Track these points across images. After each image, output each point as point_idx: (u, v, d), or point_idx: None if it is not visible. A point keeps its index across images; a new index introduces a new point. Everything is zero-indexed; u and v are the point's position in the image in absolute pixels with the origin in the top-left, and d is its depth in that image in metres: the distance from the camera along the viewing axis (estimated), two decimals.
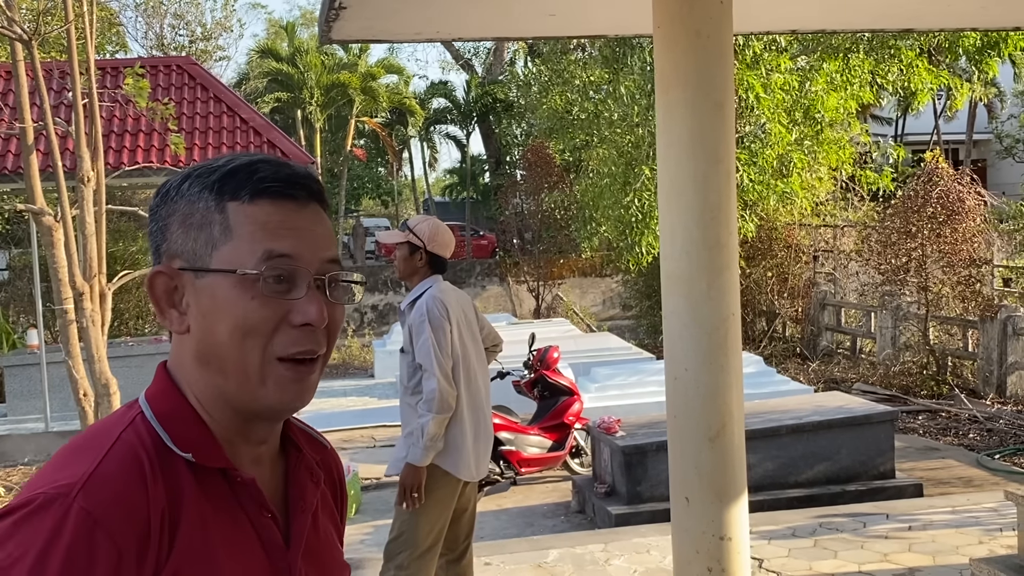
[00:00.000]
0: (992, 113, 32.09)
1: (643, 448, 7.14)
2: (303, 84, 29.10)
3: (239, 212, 1.17)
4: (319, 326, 1.17)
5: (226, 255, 1.16)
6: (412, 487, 4.06)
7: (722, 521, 3.51)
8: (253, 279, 1.15)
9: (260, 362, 1.16)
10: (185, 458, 1.14)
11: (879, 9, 4.57)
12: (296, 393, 1.18)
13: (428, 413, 4.04)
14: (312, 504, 1.27)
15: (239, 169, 1.19)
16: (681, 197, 3.48)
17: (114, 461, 1.10)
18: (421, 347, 4.10)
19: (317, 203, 1.23)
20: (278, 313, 1.16)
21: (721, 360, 3.49)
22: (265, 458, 1.25)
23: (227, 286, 1.15)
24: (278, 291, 1.16)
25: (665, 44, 3.50)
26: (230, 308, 1.15)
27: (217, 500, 1.16)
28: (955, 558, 5.71)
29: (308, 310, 1.16)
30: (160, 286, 1.19)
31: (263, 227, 1.17)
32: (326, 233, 1.23)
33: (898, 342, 12.92)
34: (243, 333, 1.15)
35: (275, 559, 1.20)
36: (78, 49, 7.61)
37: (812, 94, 13.30)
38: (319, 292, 1.18)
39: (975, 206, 11.71)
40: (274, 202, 1.18)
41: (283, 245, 1.16)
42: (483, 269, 24.88)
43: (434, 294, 4.18)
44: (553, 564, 5.99)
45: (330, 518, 1.35)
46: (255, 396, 1.17)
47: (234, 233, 1.16)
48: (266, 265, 1.15)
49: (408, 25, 4.24)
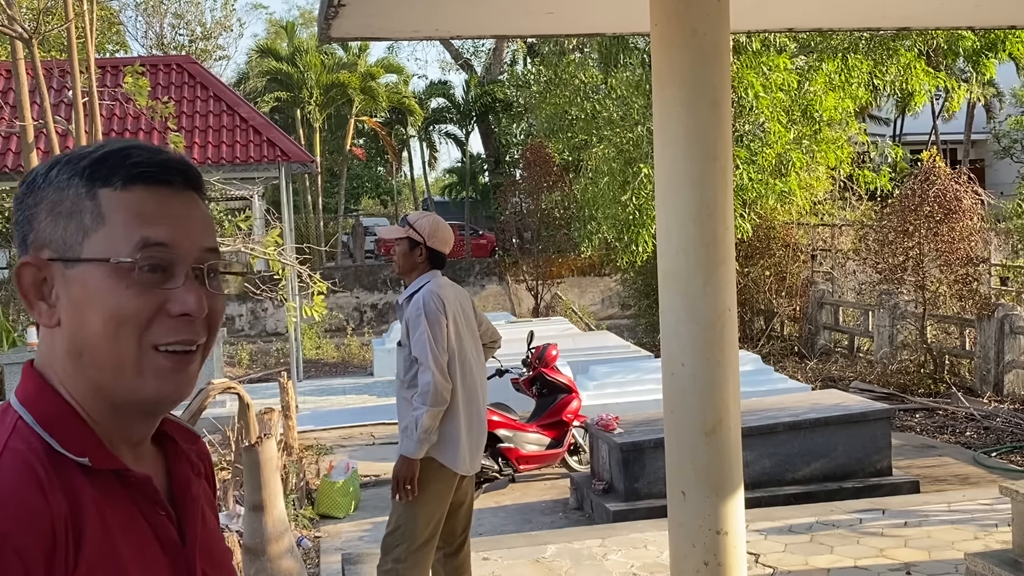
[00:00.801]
0: (990, 113, 32.13)
1: (641, 445, 7.17)
2: (303, 83, 29.11)
3: (112, 199, 1.12)
4: (198, 316, 1.14)
5: (98, 244, 1.11)
6: (405, 479, 4.09)
7: (718, 515, 3.54)
8: (128, 268, 1.11)
9: (136, 352, 1.12)
10: (80, 462, 1.09)
11: (875, 8, 4.60)
12: (176, 384, 1.15)
13: (423, 406, 4.07)
14: (198, 496, 1.25)
15: (111, 155, 1.15)
16: (678, 194, 3.51)
17: (8, 473, 1.05)
18: (417, 340, 4.12)
19: (193, 191, 1.19)
20: (154, 303, 1.12)
21: (717, 355, 3.52)
22: (146, 455, 1.22)
23: (100, 276, 1.11)
24: (154, 280, 1.12)
25: (662, 42, 3.53)
26: (103, 298, 1.11)
27: (115, 502, 1.12)
28: (950, 553, 5.75)
29: (186, 300, 1.13)
30: (28, 278, 1.14)
31: (138, 214, 1.12)
32: (204, 221, 1.19)
33: (895, 341, 12.96)
34: (117, 323, 1.11)
35: (174, 557, 1.17)
36: (78, 48, 7.63)
37: (811, 94, 13.34)
38: (197, 282, 1.15)
39: (972, 205, 11.74)
40: (148, 188, 1.14)
41: (159, 233, 1.13)
42: (482, 268, 24.91)
43: (431, 288, 4.21)
44: (551, 559, 6.03)
45: (211, 507, 1.32)
46: (132, 388, 1.13)
47: (107, 221, 1.12)
48: (141, 253, 1.11)
49: (407, 23, 4.27)
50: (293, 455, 8.47)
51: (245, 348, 18.33)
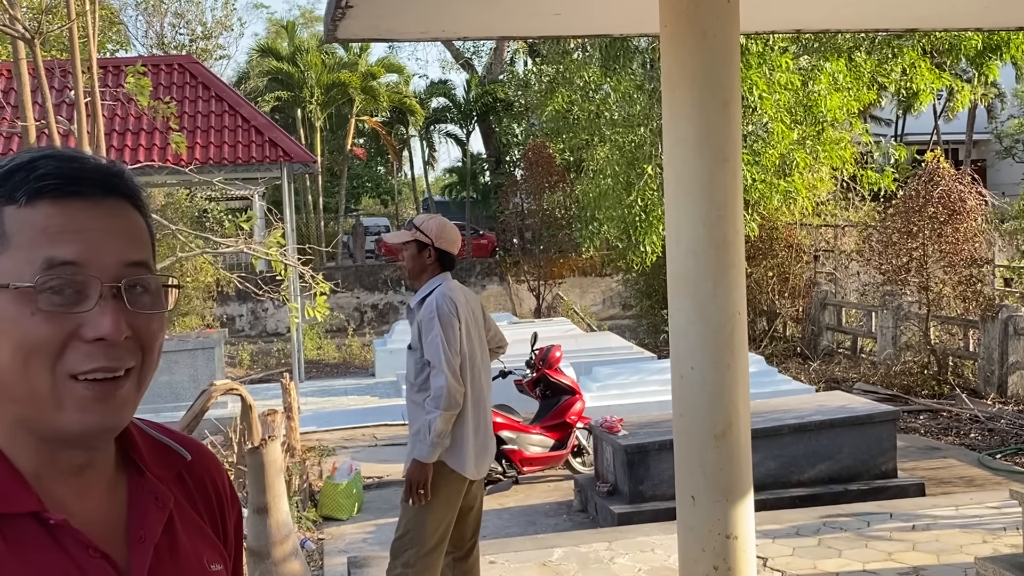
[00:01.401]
0: (992, 113, 32.11)
1: (645, 447, 7.14)
2: (303, 83, 29.09)
3: (16, 217, 1.03)
4: (116, 340, 1.03)
5: (2, 268, 1.02)
6: (418, 483, 4.06)
7: (728, 520, 3.51)
8: (31, 293, 1.01)
9: (51, 384, 1.02)
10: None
11: (882, 9, 4.58)
12: (101, 414, 1.04)
13: (436, 410, 4.04)
14: (153, 533, 1.11)
15: (17, 169, 1.05)
16: (687, 196, 3.49)
17: None
18: (431, 344, 4.09)
19: (120, 198, 1.08)
20: (66, 328, 1.02)
21: (727, 359, 3.50)
22: (95, 485, 1.11)
23: (5, 302, 1.01)
24: (61, 304, 1.02)
25: (672, 43, 3.51)
26: (9, 327, 1.01)
27: (29, 549, 1.02)
28: (959, 557, 5.72)
29: (100, 323, 1.02)
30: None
31: (42, 232, 1.02)
32: (128, 232, 1.08)
33: (899, 342, 12.93)
34: (26, 353, 1.01)
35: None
36: (80, 48, 7.61)
37: (815, 94, 13.31)
38: (116, 301, 1.04)
39: (976, 206, 11.71)
40: (56, 202, 1.03)
41: (66, 251, 1.02)
42: (483, 268, 24.88)
43: (444, 291, 4.18)
44: (558, 563, 6.00)
45: (200, 536, 1.19)
46: (53, 421, 1.03)
47: (11, 241, 1.02)
48: (44, 275, 1.01)
49: (414, 24, 4.25)
50: (296, 457, 8.44)
51: (246, 348, 18.31)
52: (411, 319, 4.30)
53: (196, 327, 16.65)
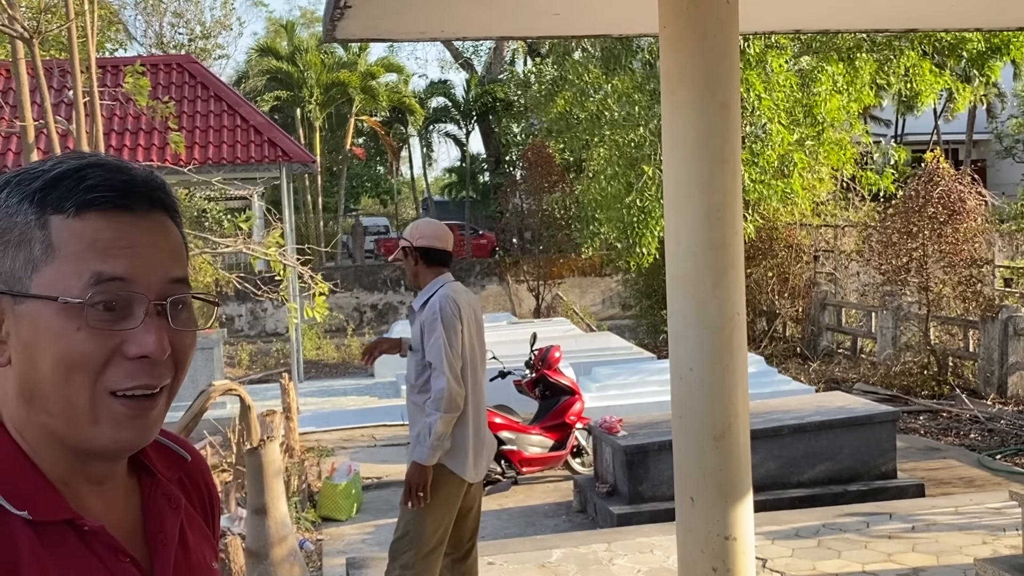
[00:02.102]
0: (992, 113, 32.10)
1: (645, 448, 7.13)
2: (303, 83, 29.08)
3: (63, 228, 1.01)
4: (159, 358, 1.03)
5: (48, 279, 1.01)
6: (418, 486, 4.06)
7: (727, 521, 3.51)
8: (78, 307, 1.00)
9: (89, 399, 1.02)
10: (20, 516, 1.01)
11: (882, 9, 4.57)
12: (135, 431, 1.05)
13: (436, 412, 4.03)
14: (173, 535, 1.14)
15: (64, 176, 1.03)
16: (687, 197, 3.48)
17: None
18: (432, 345, 4.09)
19: (162, 212, 1.08)
20: (109, 345, 1.02)
21: (726, 360, 3.49)
22: (115, 492, 1.12)
23: (49, 314, 1.00)
24: (108, 320, 1.01)
25: (671, 44, 3.50)
26: (53, 340, 1.00)
27: (64, 555, 1.03)
28: (959, 558, 5.71)
29: (145, 341, 1.02)
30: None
31: (91, 246, 1.01)
32: (171, 248, 1.08)
33: (899, 342, 12.92)
34: (68, 368, 1.01)
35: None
36: (79, 47, 7.60)
37: (815, 95, 13.30)
38: (160, 318, 1.04)
39: (976, 206, 11.70)
40: (105, 215, 1.02)
41: (115, 267, 1.01)
42: (482, 268, 24.87)
43: (447, 293, 4.19)
44: (557, 564, 5.99)
45: (202, 537, 1.21)
46: (87, 436, 1.04)
47: (58, 253, 1.01)
48: (94, 290, 1.00)
49: (413, 24, 4.24)
50: (295, 457, 8.43)
51: (245, 348, 18.29)
52: (412, 320, 4.30)
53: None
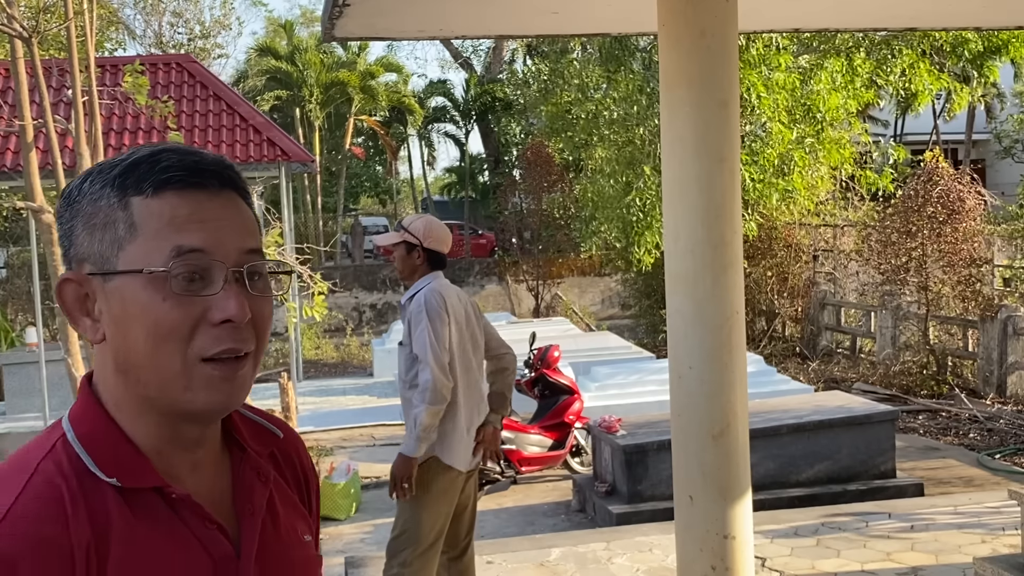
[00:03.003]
0: (991, 113, 32.10)
1: (644, 447, 7.13)
2: (302, 82, 29.05)
3: (143, 207, 1.09)
4: (240, 321, 1.10)
5: (133, 255, 1.09)
6: (403, 477, 4.08)
7: (726, 519, 3.51)
8: (163, 278, 1.07)
9: (181, 366, 1.09)
10: (111, 483, 1.07)
11: (881, 8, 4.57)
12: (226, 393, 1.11)
13: (421, 404, 4.05)
14: (260, 506, 1.19)
15: (141, 161, 1.12)
16: (685, 196, 3.48)
17: (31, 496, 1.04)
18: (418, 338, 4.12)
19: (232, 191, 1.15)
20: (194, 313, 1.08)
21: (725, 358, 3.49)
22: (206, 462, 1.18)
23: (136, 288, 1.08)
24: (191, 289, 1.08)
25: (669, 43, 3.50)
26: (142, 312, 1.08)
27: (153, 521, 1.09)
28: (958, 557, 5.71)
29: (226, 305, 1.09)
30: (69, 294, 1.13)
31: (170, 221, 1.09)
32: (243, 222, 1.15)
33: (898, 342, 12.92)
34: (158, 338, 1.08)
35: (225, 571, 1.13)
36: (78, 47, 7.59)
37: (814, 93, 13.29)
38: (238, 285, 1.11)
39: (975, 206, 11.70)
40: (180, 193, 1.10)
41: (193, 239, 1.09)
42: (482, 268, 24.87)
43: (433, 287, 4.21)
44: (555, 563, 5.99)
45: (294, 510, 1.27)
46: (181, 401, 1.10)
47: (140, 230, 1.09)
48: (175, 262, 1.08)
49: (411, 23, 4.24)
50: None
51: None
52: (402, 316, 4.32)
53: None
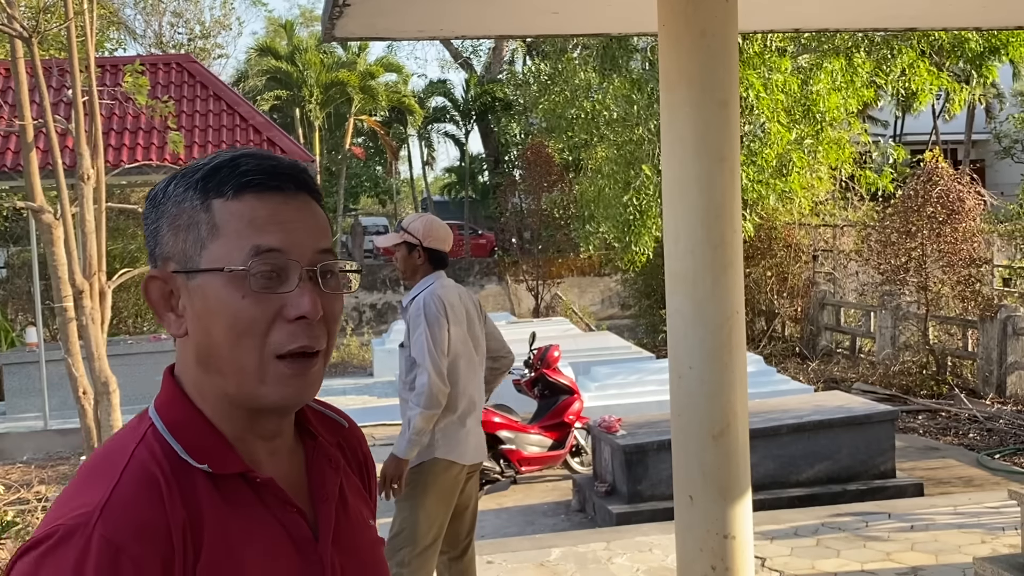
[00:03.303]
0: (990, 114, 32.11)
1: (644, 447, 7.13)
2: (302, 82, 29.05)
3: (224, 209, 1.16)
4: (314, 318, 1.16)
5: (215, 254, 1.15)
6: (392, 478, 4.09)
7: (726, 519, 3.50)
8: (242, 276, 1.13)
9: (258, 361, 1.15)
10: (201, 469, 1.14)
11: (882, 8, 4.57)
12: (298, 388, 1.17)
13: (417, 407, 4.06)
14: (334, 492, 1.27)
15: (222, 165, 1.18)
16: (685, 195, 3.48)
17: (130, 482, 1.10)
18: (416, 342, 4.12)
19: (307, 194, 1.21)
20: (271, 310, 1.15)
21: (725, 358, 3.49)
22: (282, 450, 1.25)
23: (217, 285, 1.14)
24: (268, 286, 1.14)
25: (669, 43, 3.50)
26: (222, 308, 1.14)
27: (239, 505, 1.15)
28: (958, 557, 5.71)
29: (301, 302, 1.15)
30: (155, 291, 1.19)
31: (249, 222, 1.15)
32: (317, 224, 1.21)
33: (898, 342, 12.92)
34: (238, 333, 1.14)
35: (306, 553, 1.20)
36: (78, 47, 7.59)
37: (813, 93, 13.29)
38: (312, 283, 1.17)
39: (975, 206, 11.71)
40: (259, 196, 1.16)
41: (271, 239, 1.15)
42: (482, 268, 24.87)
43: (434, 291, 4.20)
44: (555, 563, 5.99)
45: (359, 496, 1.35)
46: (256, 395, 1.16)
47: (221, 231, 1.15)
48: (254, 260, 1.14)
49: (411, 23, 4.24)
50: None
51: None
52: (403, 317, 4.32)
53: None
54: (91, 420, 7.19)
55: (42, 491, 8.44)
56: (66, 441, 10.64)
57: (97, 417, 7.17)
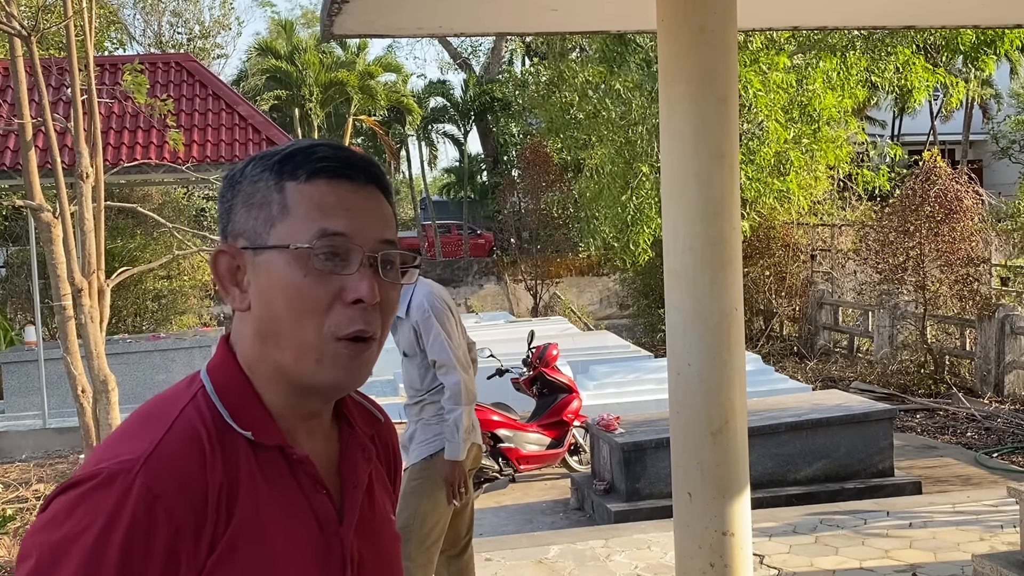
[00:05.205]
0: (987, 114, 32.13)
1: (642, 445, 7.14)
2: (302, 82, 29.03)
3: (296, 191, 1.20)
4: (370, 303, 1.19)
5: (282, 233, 1.19)
6: (456, 482, 4.11)
7: (724, 516, 3.50)
8: (306, 254, 1.17)
9: (316, 341, 1.18)
10: (244, 435, 1.18)
11: (881, 6, 4.57)
12: (352, 371, 1.21)
13: (458, 406, 4.07)
14: (364, 480, 1.30)
15: (298, 151, 1.23)
16: (684, 192, 3.48)
17: (176, 437, 1.14)
18: (435, 343, 4.10)
19: (376, 187, 1.25)
20: (331, 291, 1.18)
21: (724, 355, 3.48)
22: (319, 432, 1.28)
23: (282, 263, 1.18)
24: (330, 268, 1.18)
25: (668, 39, 3.50)
26: (285, 284, 1.18)
27: (273, 476, 1.19)
28: (956, 555, 5.72)
29: (359, 287, 1.18)
30: (223, 265, 1.24)
31: (319, 206, 1.20)
32: (382, 215, 1.25)
33: (895, 341, 12.93)
34: (298, 310, 1.18)
35: (328, 533, 1.23)
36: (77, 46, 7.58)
37: (810, 92, 13.30)
38: (371, 270, 1.21)
39: (973, 205, 11.72)
40: (330, 182, 1.21)
41: (337, 223, 1.19)
42: (480, 268, 24.86)
43: (427, 291, 4.21)
44: (554, 560, 5.99)
45: (384, 489, 1.38)
46: (311, 373, 1.20)
47: (291, 212, 1.20)
48: (319, 241, 1.18)
49: (409, 20, 4.23)
50: None
51: None
52: (394, 327, 4.27)
53: (193, 325, 16.64)
54: (90, 419, 7.19)
55: (40, 489, 8.44)
56: (65, 439, 10.64)
57: (96, 415, 7.17)
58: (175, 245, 13.28)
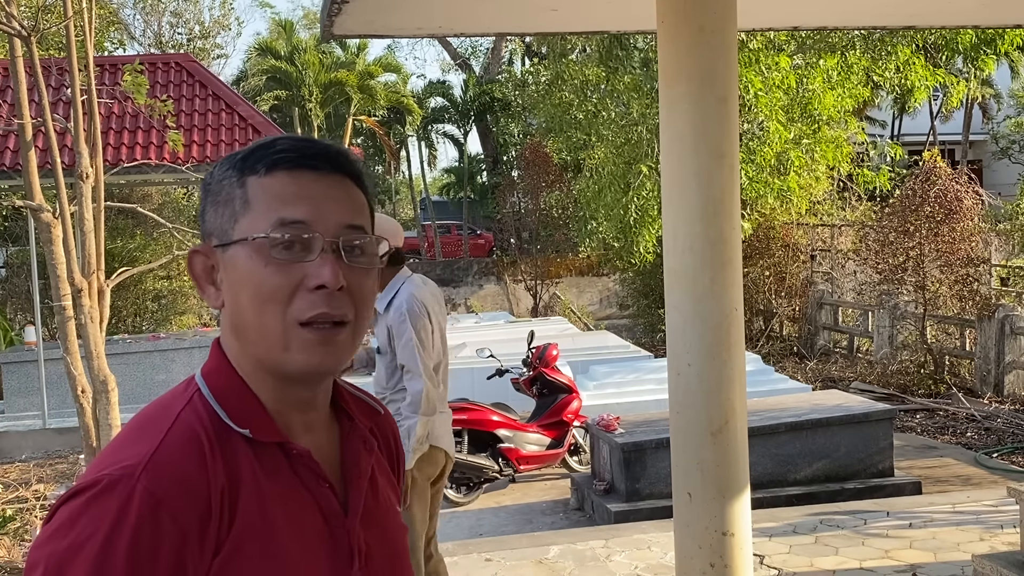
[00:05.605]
0: (987, 114, 32.14)
1: (642, 445, 7.14)
2: (301, 82, 29.03)
3: (257, 185, 1.21)
4: (333, 288, 1.19)
5: (244, 226, 1.20)
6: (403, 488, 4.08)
7: (724, 517, 3.50)
8: (265, 245, 1.18)
9: (281, 328, 1.19)
10: (243, 434, 1.19)
11: (881, 6, 4.57)
12: (322, 355, 1.20)
13: (415, 415, 4.03)
14: (366, 471, 1.31)
15: (260, 147, 1.24)
16: (684, 192, 3.48)
17: (175, 441, 1.15)
18: (404, 347, 4.08)
19: (344, 174, 1.25)
20: (293, 279, 1.18)
21: (724, 355, 3.48)
22: (317, 425, 1.29)
23: (244, 256, 1.19)
24: (291, 257, 1.18)
25: (669, 39, 3.50)
26: (248, 277, 1.19)
27: (275, 473, 1.20)
28: (956, 555, 5.72)
29: (321, 272, 1.18)
30: (198, 265, 1.26)
31: (277, 196, 1.20)
32: (349, 200, 1.25)
33: (895, 341, 12.92)
34: (261, 300, 1.18)
35: (334, 526, 1.24)
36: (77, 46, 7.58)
37: (810, 92, 13.30)
38: (334, 255, 1.20)
39: (973, 205, 11.72)
40: (291, 172, 1.21)
41: (295, 212, 1.19)
42: (480, 268, 24.86)
43: (412, 292, 4.17)
44: (554, 560, 5.99)
45: (388, 481, 1.39)
46: (281, 361, 1.20)
47: (252, 206, 1.21)
48: (278, 231, 1.18)
49: (409, 20, 4.24)
50: None
51: None
52: (376, 322, 4.25)
53: (193, 325, 16.64)
54: (90, 419, 7.18)
55: (40, 489, 8.43)
56: (65, 440, 10.64)
57: (96, 416, 7.16)
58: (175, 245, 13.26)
